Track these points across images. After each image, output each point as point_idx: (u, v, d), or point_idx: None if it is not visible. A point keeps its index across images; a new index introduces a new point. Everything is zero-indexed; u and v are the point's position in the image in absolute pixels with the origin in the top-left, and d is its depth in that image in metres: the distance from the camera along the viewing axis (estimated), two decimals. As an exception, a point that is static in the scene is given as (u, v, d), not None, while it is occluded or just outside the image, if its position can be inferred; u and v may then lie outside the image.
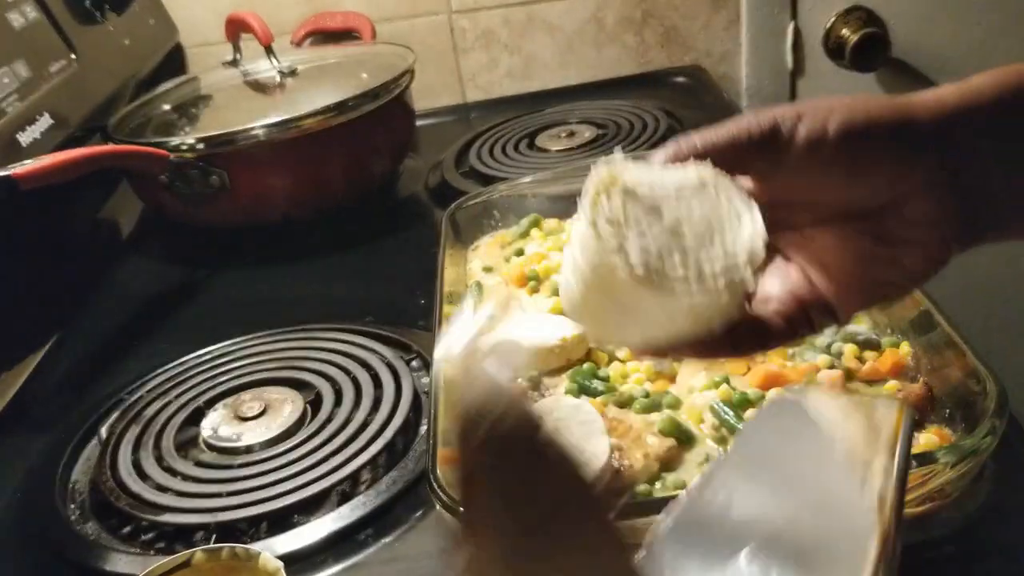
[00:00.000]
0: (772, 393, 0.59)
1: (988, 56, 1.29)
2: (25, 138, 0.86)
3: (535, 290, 0.78)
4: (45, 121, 0.90)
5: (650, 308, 0.40)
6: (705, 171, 0.42)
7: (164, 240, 1.17)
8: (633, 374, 0.67)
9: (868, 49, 1.32)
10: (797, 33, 1.37)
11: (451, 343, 0.38)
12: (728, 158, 0.42)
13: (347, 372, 0.77)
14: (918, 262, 0.42)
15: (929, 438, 0.56)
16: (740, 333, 0.43)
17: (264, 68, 1.19)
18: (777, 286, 0.45)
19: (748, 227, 0.41)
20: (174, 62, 1.37)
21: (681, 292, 0.39)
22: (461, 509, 0.36)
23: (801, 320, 0.44)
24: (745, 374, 0.62)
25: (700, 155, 0.42)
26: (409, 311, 0.86)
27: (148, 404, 0.78)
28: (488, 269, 0.85)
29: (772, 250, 0.44)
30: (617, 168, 0.41)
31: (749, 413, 0.58)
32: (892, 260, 0.42)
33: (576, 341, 0.68)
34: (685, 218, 0.41)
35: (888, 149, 0.40)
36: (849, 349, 0.65)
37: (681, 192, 0.41)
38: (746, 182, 0.43)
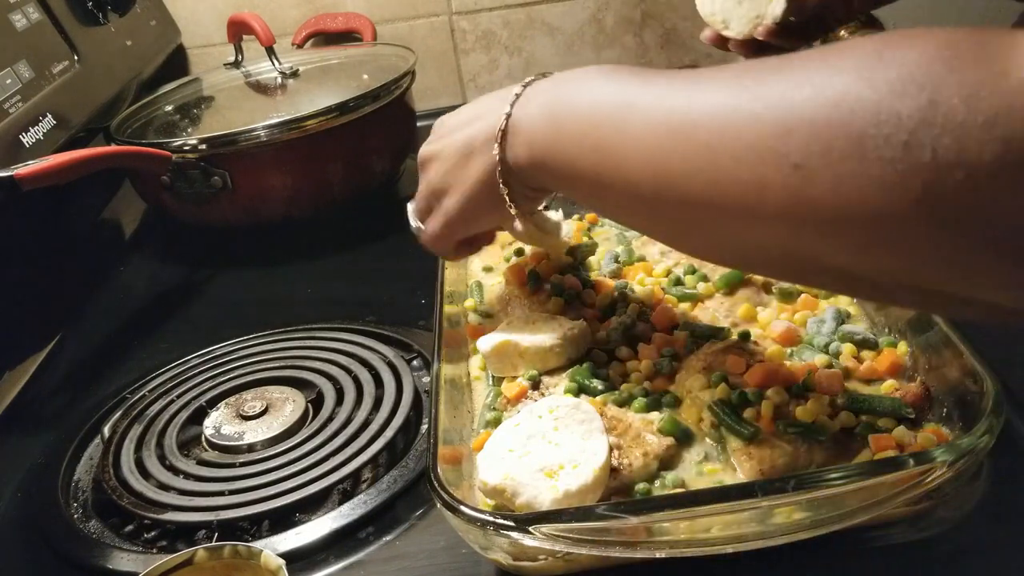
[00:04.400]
0: (770, 392, 0.59)
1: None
2: (28, 139, 0.86)
3: (535, 290, 0.78)
4: (48, 122, 0.90)
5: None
6: None
7: (166, 240, 1.18)
8: (632, 373, 0.67)
9: (867, 50, 1.32)
10: (797, 34, 1.37)
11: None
12: None
13: (348, 371, 0.77)
14: None
15: (927, 437, 0.56)
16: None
17: (265, 69, 1.20)
18: None
19: None
20: (176, 63, 1.38)
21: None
22: None
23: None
24: (743, 373, 0.62)
25: None
26: (410, 311, 0.87)
27: (150, 403, 0.78)
28: (488, 269, 0.85)
29: None
30: None
31: (747, 412, 0.58)
32: None
33: (575, 340, 0.68)
34: None
35: None
36: (847, 348, 0.65)
37: None
38: None
